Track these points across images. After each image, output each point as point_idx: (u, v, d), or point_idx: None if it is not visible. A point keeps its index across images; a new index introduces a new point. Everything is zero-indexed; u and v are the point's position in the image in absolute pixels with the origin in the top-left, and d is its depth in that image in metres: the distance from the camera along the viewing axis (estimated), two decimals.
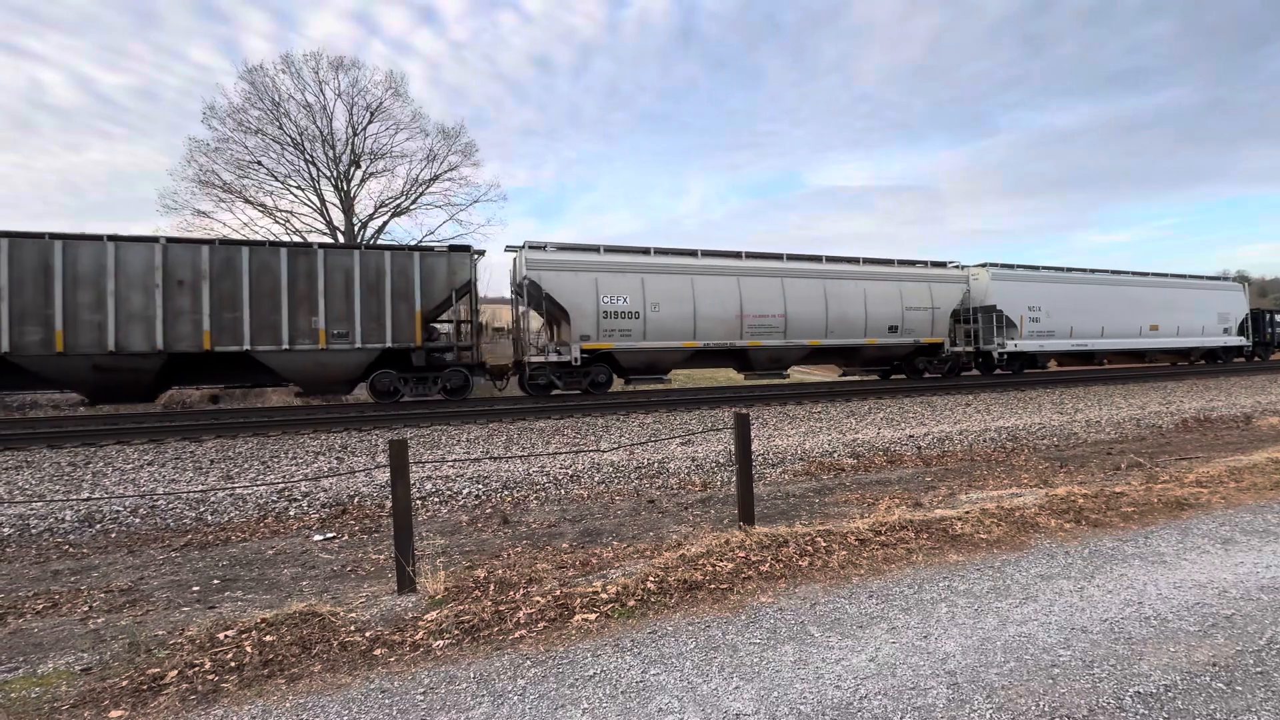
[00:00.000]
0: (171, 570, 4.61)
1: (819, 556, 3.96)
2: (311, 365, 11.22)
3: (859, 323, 15.14)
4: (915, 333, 15.88)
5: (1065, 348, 18.29)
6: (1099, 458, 8.12)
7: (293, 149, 26.20)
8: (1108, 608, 3.22)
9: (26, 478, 7.05)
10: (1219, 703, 2.34)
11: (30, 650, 3.18)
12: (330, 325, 11.11)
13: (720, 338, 13.77)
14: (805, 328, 14.58)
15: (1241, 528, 4.54)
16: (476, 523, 5.71)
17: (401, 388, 11.98)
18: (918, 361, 16.73)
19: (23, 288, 9.71)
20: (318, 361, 11.21)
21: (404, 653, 2.89)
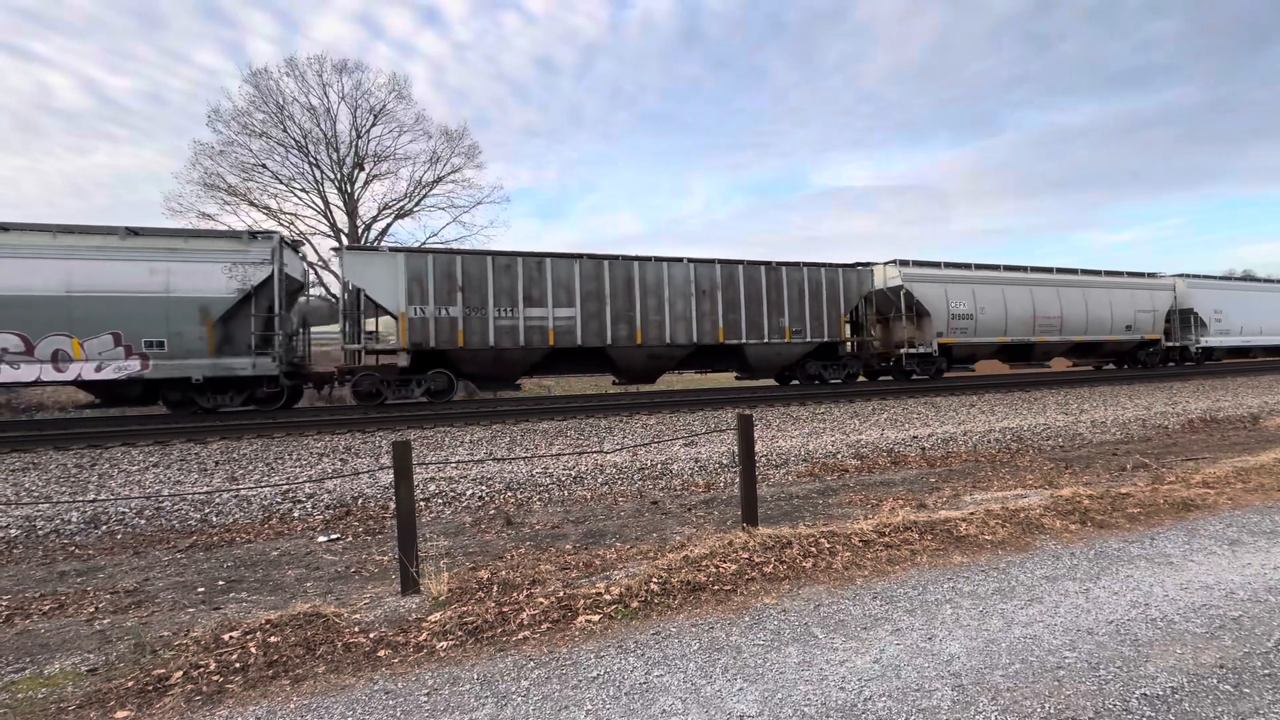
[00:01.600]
0: (177, 571, 4.62)
1: (823, 558, 3.95)
2: (773, 355, 14.63)
3: (1106, 322, 18.88)
4: (1141, 330, 19.65)
5: (1234, 343, 22.15)
6: (1104, 458, 8.08)
7: (297, 152, 26.31)
8: (1114, 609, 3.20)
9: (33, 479, 7.09)
10: (1226, 705, 2.32)
11: (37, 651, 3.20)
12: (791, 324, 14.54)
13: (1020, 334, 17.34)
14: (1072, 326, 18.26)
15: (1249, 529, 4.51)
16: (480, 524, 5.72)
17: (824, 374, 15.44)
18: (1139, 354, 20.30)
19: (616, 297, 12.90)
20: (778, 352, 14.62)
21: (408, 654, 2.90)
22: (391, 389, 11.86)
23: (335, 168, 27.20)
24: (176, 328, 10.27)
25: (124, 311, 9.97)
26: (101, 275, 9.92)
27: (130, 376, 10.17)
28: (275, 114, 25.65)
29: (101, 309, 9.88)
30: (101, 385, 10.35)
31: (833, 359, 15.47)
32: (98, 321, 9.88)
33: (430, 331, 11.65)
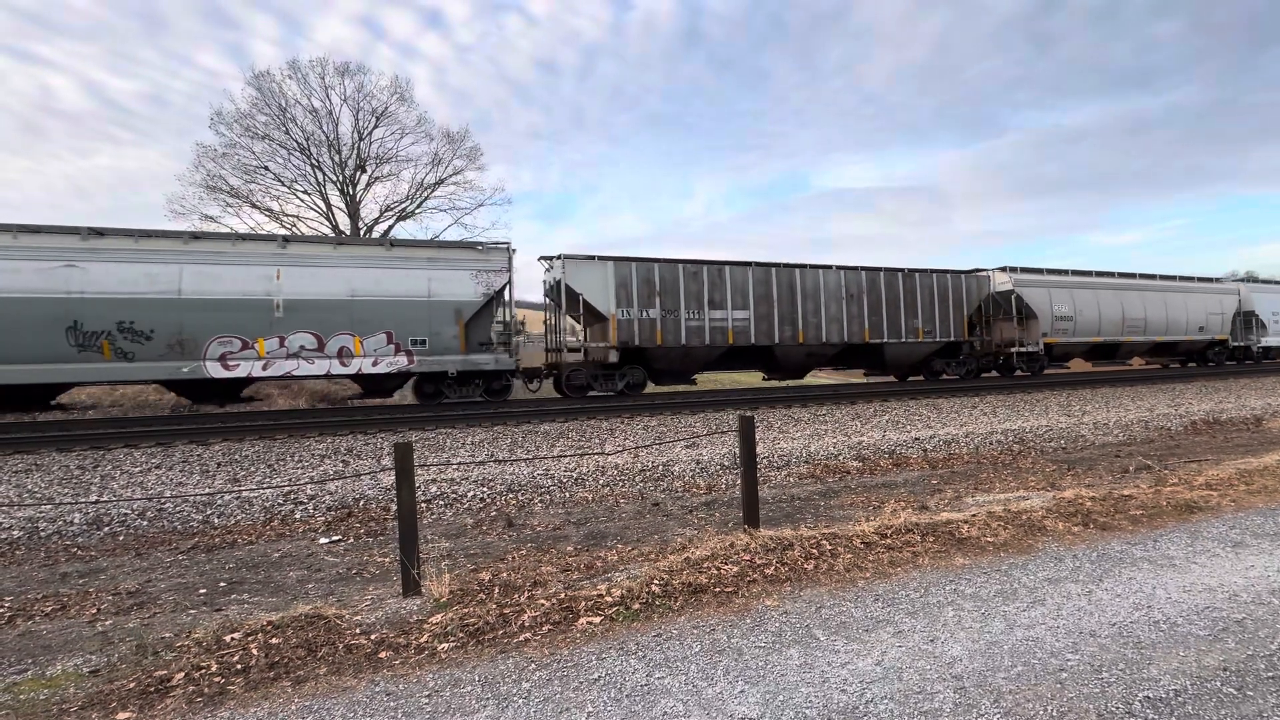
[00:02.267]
0: (178, 573, 4.63)
1: (824, 560, 3.95)
2: (906, 353, 16.28)
3: (1182, 324, 20.69)
4: (1211, 331, 21.55)
5: None
6: (1107, 460, 8.06)
7: (299, 154, 26.37)
8: (1116, 611, 3.19)
9: (36, 480, 7.11)
10: (1230, 708, 2.32)
11: (39, 652, 3.20)
12: (923, 325, 16.25)
13: (1110, 335, 19.11)
14: (1154, 327, 20.04)
15: (1252, 531, 4.50)
16: (481, 525, 5.72)
17: (946, 370, 17.18)
18: (1208, 353, 21.93)
19: (782, 301, 14.49)
20: (911, 350, 16.28)
21: (409, 655, 2.90)
22: (599, 382, 13.41)
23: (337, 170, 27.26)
24: (436, 328, 11.76)
25: (394, 314, 11.45)
26: (375, 282, 11.46)
27: (399, 370, 11.59)
28: (277, 116, 25.72)
29: (377, 312, 11.36)
30: (373, 378, 11.74)
31: (953, 357, 17.29)
32: (374, 322, 11.34)
33: (634, 331, 13.30)
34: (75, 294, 9.83)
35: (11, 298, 9.55)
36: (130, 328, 10.01)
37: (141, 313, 10.06)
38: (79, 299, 9.83)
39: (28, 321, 9.60)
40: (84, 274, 9.88)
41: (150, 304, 10.09)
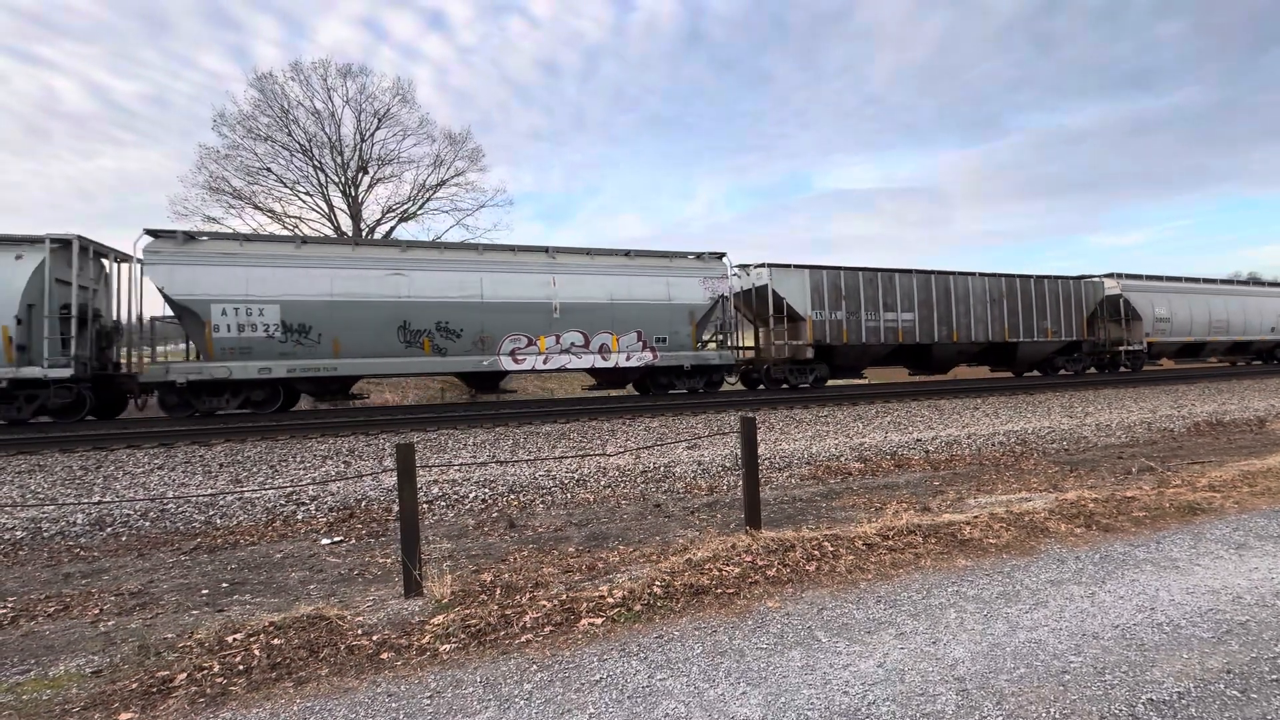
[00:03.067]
0: (181, 573, 4.64)
1: (826, 561, 3.94)
2: (1036, 351, 18.35)
3: (1256, 325, 22.82)
4: None
5: None
6: (1109, 462, 8.04)
7: (301, 155, 26.44)
8: (1119, 613, 3.18)
9: (39, 481, 7.13)
10: (1234, 710, 2.31)
11: (42, 652, 3.21)
12: (1051, 325, 18.03)
13: (1199, 335, 21.22)
14: (1234, 328, 22.16)
15: (1256, 533, 4.48)
16: (483, 526, 5.72)
17: (1065, 366, 19.35)
18: (1276, 352, 24.01)
19: (938, 304, 16.35)
20: (1039, 349, 18.32)
21: (410, 656, 2.90)
22: (794, 376, 15.17)
23: (339, 171, 27.32)
24: (674, 327, 13.47)
25: (642, 315, 13.16)
26: (627, 288, 13.18)
27: (646, 365, 13.24)
28: (280, 118, 25.79)
29: (629, 313, 13.07)
30: (625, 371, 13.41)
31: (1072, 355, 19.21)
32: (628, 323, 13.06)
33: (825, 331, 15.09)
34: (404, 298, 11.50)
35: (360, 301, 11.27)
36: (445, 327, 11.77)
37: (453, 314, 11.83)
38: (407, 303, 11.51)
39: (371, 322, 11.33)
40: (410, 281, 11.60)
41: (460, 307, 11.85)
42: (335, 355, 11.05)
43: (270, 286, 10.78)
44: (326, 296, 11.04)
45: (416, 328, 11.51)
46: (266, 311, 10.69)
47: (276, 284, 10.83)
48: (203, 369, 10.44)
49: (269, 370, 10.65)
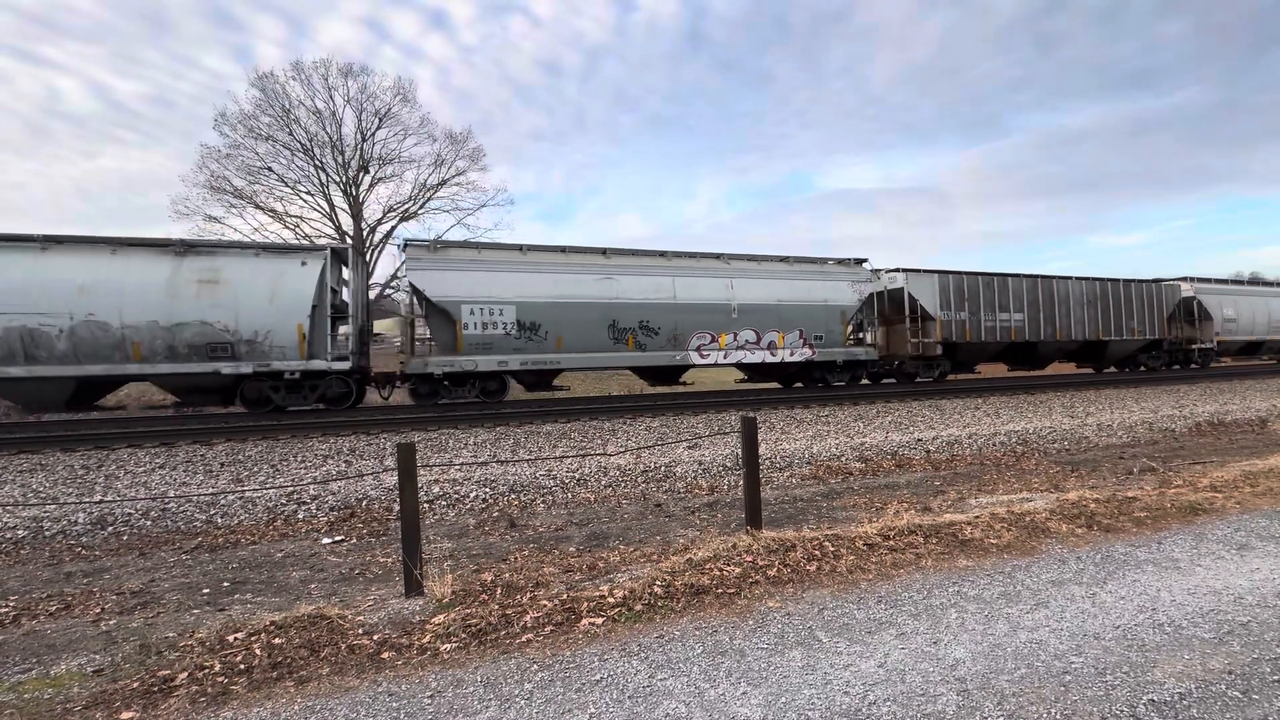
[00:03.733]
0: (182, 573, 4.64)
1: (827, 561, 3.94)
2: (1123, 348, 19.89)
3: None
4: None
5: None
6: (1111, 462, 8.04)
7: (302, 155, 26.48)
8: (1120, 614, 3.18)
9: (40, 480, 7.14)
10: (1235, 711, 2.30)
11: (44, 651, 3.21)
12: (1136, 325, 19.72)
13: (1260, 334, 23.03)
14: None
15: (1257, 533, 4.48)
16: (483, 526, 5.72)
17: (1146, 363, 20.77)
18: None
19: (1044, 306, 17.81)
20: (1126, 347, 19.88)
21: (411, 656, 2.90)
22: (923, 371, 16.57)
23: (340, 171, 27.35)
24: (829, 326, 14.91)
25: (803, 315, 14.61)
26: (790, 290, 14.66)
27: (805, 360, 14.71)
28: (281, 117, 25.84)
29: (793, 314, 14.51)
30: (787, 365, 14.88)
31: (1152, 352, 20.72)
32: (792, 322, 14.52)
33: (951, 330, 16.41)
34: (613, 300, 12.91)
35: (579, 302, 12.63)
36: (646, 325, 13.18)
37: (653, 314, 13.23)
38: (616, 303, 12.92)
39: (587, 320, 12.70)
40: (617, 285, 13.02)
41: (658, 308, 13.28)
42: (558, 350, 12.50)
43: (507, 289, 12.19)
44: (552, 298, 12.44)
45: (623, 325, 13.01)
46: (505, 311, 12.15)
47: (512, 287, 12.23)
48: (454, 362, 11.79)
49: (505, 363, 12.12)
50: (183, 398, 11.41)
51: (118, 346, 9.96)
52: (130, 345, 10.01)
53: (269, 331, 10.54)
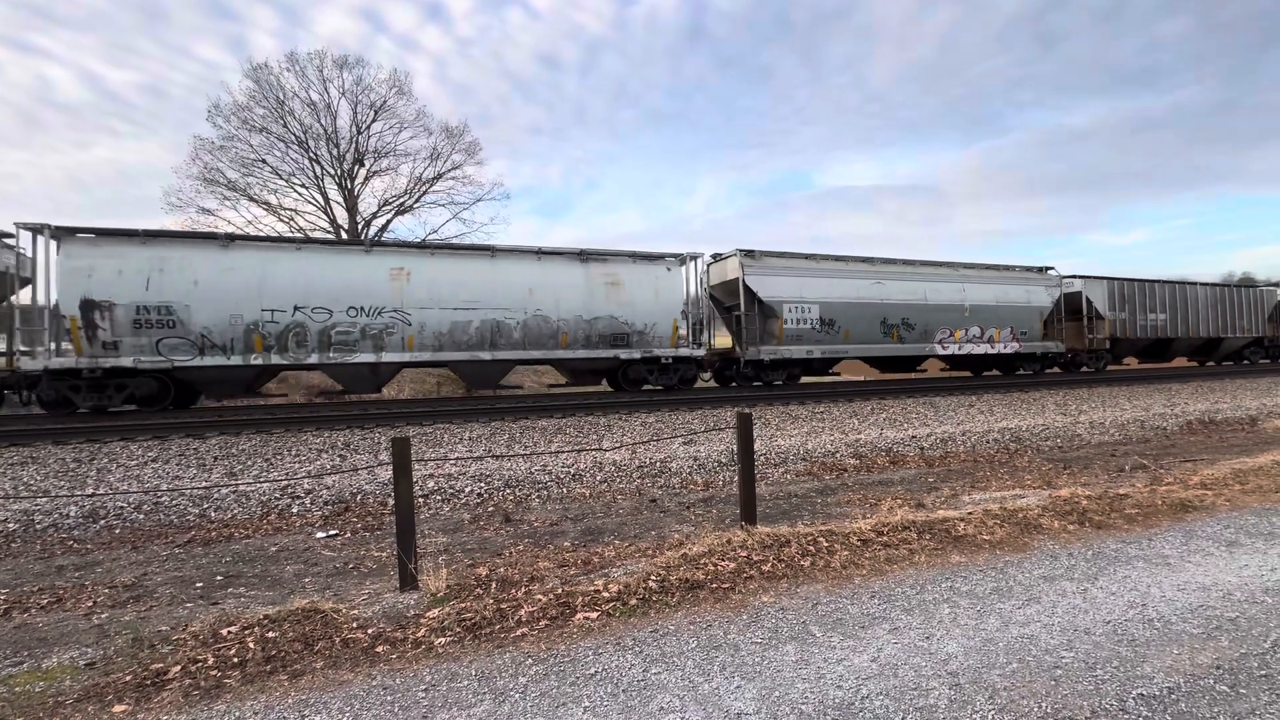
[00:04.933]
0: (175, 566, 4.62)
1: (821, 556, 3.96)
2: (1233, 344, 22.80)
3: None
4: None
5: None
6: (1103, 459, 8.09)
7: (297, 147, 26.27)
8: (1111, 609, 3.21)
9: (32, 473, 7.09)
10: (1222, 705, 2.33)
11: (35, 645, 3.20)
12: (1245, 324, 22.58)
13: None
14: None
15: (1246, 530, 4.52)
16: (478, 521, 5.72)
17: (1249, 357, 23.52)
18: None
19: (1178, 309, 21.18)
20: (1236, 343, 22.87)
21: (406, 650, 2.90)
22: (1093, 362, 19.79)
23: (335, 163, 27.16)
24: (1030, 324, 17.96)
25: (1014, 315, 17.60)
26: (1005, 294, 17.51)
27: (1014, 351, 17.72)
28: (275, 109, 25.61)
29: (1006, 313, 17.56)
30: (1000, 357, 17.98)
31: (1256, 347, 23.57)
32: (1005, 320, 17.49)
33: (1116, 328, 19.86)
34: (884, 301, 15.82)
35: (863, 303, 15.56)
36: (906, 322, 16.11)
37: (910, 313, 16.19)
38: (887, 304, 15.84)
39: (866, 318, 15.63)
40: (885, 288, 15.84)
41: (914, 308, 16.21)
42: (845, 341, 15.34)
43: (813, 291, 15.02)
44: (842, 299, 15.31)
45: (890, 322, 15.89)
46: (811, 310, 14.93)
47: (814, 290, 15.06)
48: (778, 351, 14.65)
49: (811, 352, 14.87)
50: (575, 378, 14.05)
51: (553, 335, 12.62)
52: (560, 335, 12.60)
53: (654, 324, 13.35)
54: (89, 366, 10.03)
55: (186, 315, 10.54)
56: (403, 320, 11.60)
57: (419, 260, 12.05)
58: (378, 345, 11.45)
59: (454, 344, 12.02)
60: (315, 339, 11.16)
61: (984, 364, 18.66)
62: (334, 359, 11.27)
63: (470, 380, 12.93)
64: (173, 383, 10.75)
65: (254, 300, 10.88)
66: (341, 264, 11.54)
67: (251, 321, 10.85)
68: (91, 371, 10.11)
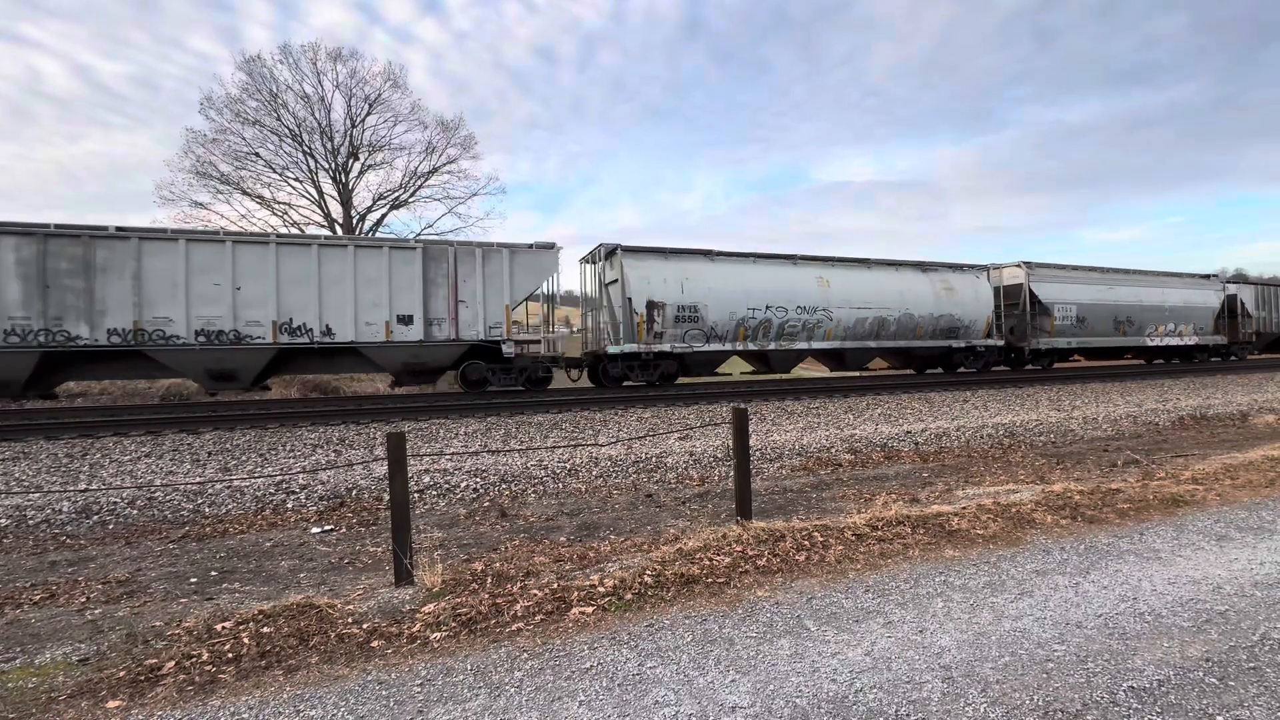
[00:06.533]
0: (169, 562, 4.61)
1: (816, 551, 3.97)
2: None
3: None
4: None
5: None
6: (1095, 454, 8.15)
7: (291, 140, 26.06)
8: (1103, 603, 3.23)
9: (24, 468, 7.04)
10: (1212, 698, 2.36)
11: (28, 640, 3.18)
12: None
13: None
14: None
15: (1236, 525, 4.57)
16: (474, 516, 5.72)
17: None
18: None
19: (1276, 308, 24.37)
20: None
21: (401, 645, 2.90)
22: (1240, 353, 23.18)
23: (329, 157, 26.96)
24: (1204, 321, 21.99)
25: (1193, 313, 21.59)
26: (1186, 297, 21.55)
27: (1194, 344, 21.62)
28: (268, 102, 25.39)
29: (1189, 312, 21.47)
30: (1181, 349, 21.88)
31: None
32: (1188, 318, 21.45)
33: (1260, 324, 23.39)
34: (1115, 303, 19.85)
35: (1102, 304, 19.53)
36: (1129, 320, 20.12)
37: (1132, 313, 20.21)
38: (1121, 305, 19.98)
39: (1104, 318, 19.59)
40: (1114, 292, 19.87)
41: (1133, 308, 20.33)
42: (1089, 335, 19.29)
43: (1073, 295, 19.02)
44: (1091, 301, 19.25)
45: (1119, 319, 19.94)
46: (1071, 309, 18.89)
47: (1075, 293, 19.06)
48: (1051, 342, 18.37)
49: (1069, 344, 18.83)
50: (916, 365, 17.83)
51: (913, 329, 16.19)
52: (918, 328, 16.27)
53: (975, 321, 17.01)
54: (645, 350, 13.39)
55: (705, 313, 13.87)
56: (827, 317, 15.18)
57: (831, 270, 15.57)
58: (809, 335, 15.09)
59: (854, 335, 15.54)
60: (774, 330, 14.65)
61: (1174, 354, 22.61)
62: (782, 346, 14.78)
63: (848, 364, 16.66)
64: (680, 364, 14.06)
65: (742, 301, 14.28)
66: (787, 275, 14.99)
67: (740, 318, 14.24)
68: (645, 355, 13.47)
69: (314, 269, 11.17)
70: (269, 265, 10.94)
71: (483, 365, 12.35)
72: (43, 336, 9.87)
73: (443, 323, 11.97)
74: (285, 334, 10.99)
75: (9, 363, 9.81)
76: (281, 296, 10.99)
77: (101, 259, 10.19)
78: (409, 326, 11.70)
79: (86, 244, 10.14)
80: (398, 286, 11.63)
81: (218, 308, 10.64)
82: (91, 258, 10.16)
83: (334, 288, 11.26)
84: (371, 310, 11.49)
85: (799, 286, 14.92)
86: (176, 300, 10.44)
